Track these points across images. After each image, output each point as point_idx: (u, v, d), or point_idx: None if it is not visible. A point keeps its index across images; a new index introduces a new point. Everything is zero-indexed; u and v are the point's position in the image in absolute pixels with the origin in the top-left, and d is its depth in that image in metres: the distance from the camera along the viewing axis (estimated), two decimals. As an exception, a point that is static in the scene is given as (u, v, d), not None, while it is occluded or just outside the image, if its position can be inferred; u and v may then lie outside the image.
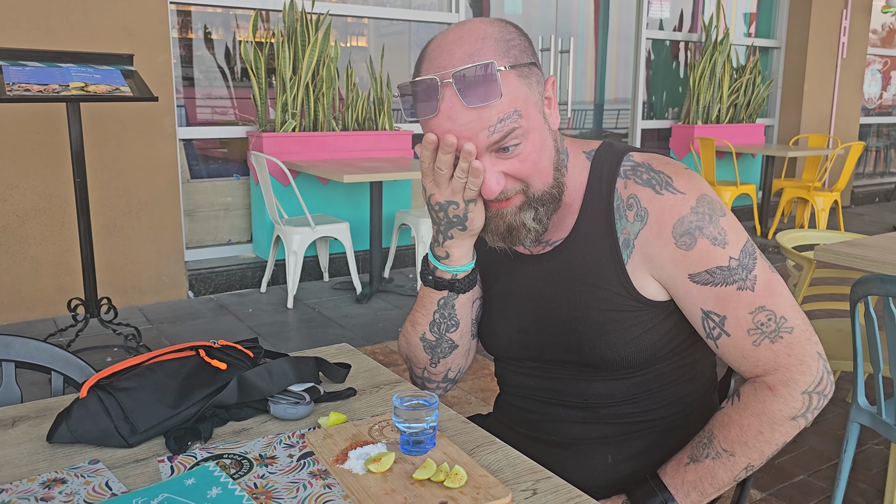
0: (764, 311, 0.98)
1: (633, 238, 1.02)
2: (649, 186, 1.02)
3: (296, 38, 4.36)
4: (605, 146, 1.09)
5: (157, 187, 4.04)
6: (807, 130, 7.12)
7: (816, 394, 0.99)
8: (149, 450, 0.96)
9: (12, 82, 2.90)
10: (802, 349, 0.98)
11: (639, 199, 1.02)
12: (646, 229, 1.01)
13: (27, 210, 3.70)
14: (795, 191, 6.02)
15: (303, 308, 4.08)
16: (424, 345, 1.15)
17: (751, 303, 0.98)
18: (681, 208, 0.99)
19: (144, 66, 3.71)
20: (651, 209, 1.01)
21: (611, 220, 1.04)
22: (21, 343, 1.25)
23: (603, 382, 1.09)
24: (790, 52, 7.12)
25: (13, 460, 0.93)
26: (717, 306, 1.00)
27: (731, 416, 1.01)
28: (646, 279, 1.03)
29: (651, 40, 6.47)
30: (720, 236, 0.99)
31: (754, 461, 1.01)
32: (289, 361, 1.09)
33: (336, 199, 4.67)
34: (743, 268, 0.99)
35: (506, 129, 0.94)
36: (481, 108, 0.92)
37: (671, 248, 1.00)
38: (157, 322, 3.81)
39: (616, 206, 1.04)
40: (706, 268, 0.99)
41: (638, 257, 1.02)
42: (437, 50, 0.96)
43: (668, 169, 1.03)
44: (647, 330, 1.04)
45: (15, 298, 3.73)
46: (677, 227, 0.99)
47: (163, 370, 1.04)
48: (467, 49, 0.93)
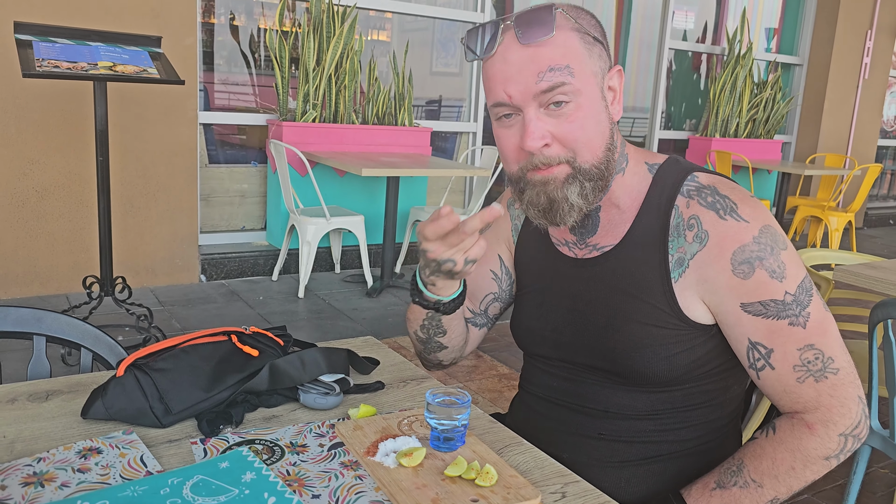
0: (812, 350, 0.98)
1: (689, 258, 1.02)
2: (713, 210, 1.01)
3: (321, 30, 4.37)
4: (671, 161, 1.08)
5: (176, 170, 4.06)
6: (824, 149, 7.10)
7: (853, 437, 0.99)
8: (181, 431, 0.97)
9: (42, 58, 2.92)
10: (845, 391, 0.98)
11: (701, 220, 1.01)
12: (704, 252, 1.00)
13: (46, 186, 3.73)
14: (809, 209, 6.00)
15: (313, 298, 4.10)
16: (416, 339, 1.21)
17: (800, 340, 0.98)
18: (743, 236, 0.98)
19: (170, 49, 3.73)
20: (712, 233, 1.00)
21: (665, 236, 1.03)
22: (53, 318, 1.26)
23: (628, 393, 1.09)
24: (812, 70, 7.10)
25: (49, 433, 0.95)
26: (766, 338, 0.99)
27: (765, 448, 1.01)
28: (694, 301, 1.02)
29: (674, 50, 6.46)
30: (779, 269, 0.98)
31: (781, 495, 1.01)
32: (321, 352, 1.10)
33: (352, 192, 4.68)
34: (797, 304, 0.98)
35: (555, 80, 0.95)
36: (534, 46, 0.95)
37: (728, 274, 0.99)
38: (168, 304, 3.83)
39: (675, 224, 1.03)
40: (760, 299, 0.98)
41: (691, 278, 1.02)
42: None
43: (734, 195, 1.02)
44: (685, 350, 1.04)
45: (30, 273, 3.76)
46: (737, 254, 0.98)
47: (197, 353, 1.05)
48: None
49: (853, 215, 5.93)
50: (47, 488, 0.82)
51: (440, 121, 5.56)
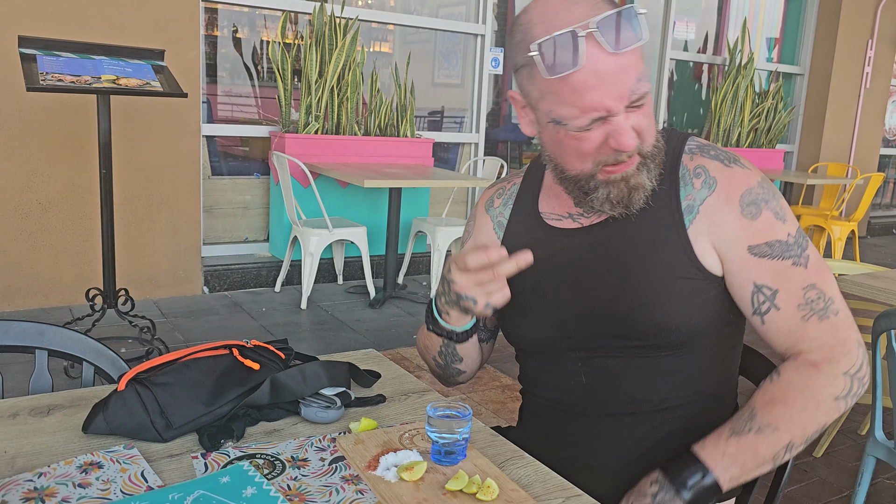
0: (815, 289, 1.01)
1: (699, 204, 1.05)
2: (718, 160, 1.07)
3: (323, 42, 4.40)
4: (667, 129, 1.12)
5: (179, 182, 4.07)
6: (826, 159, 7.10)
7: (857, 378, 1.00)
8: (182, 445, 0.97)
9: (45, 72, 2.94)
10: (846, 333, 1.01)
11: (707, 169, 1.06)
12: (713, 196, 1.04)
13: (50, 198, 3.74)
14: (812, 218, 6.00)
15: (316, 310, 4.10)
16: (435, 364, 1.22)
17: (804, 279, 1.02)
18: (749, 180, 1.04)
19: (173, 62, 3.74)
20: (720, 178, 1.05)
21: (675, 186, 1.06)
22: (55, 332, 1.27)
23: (648, 378, 1.08)
24: (813, 80, 7.11)
25: (50, 448, 0.95)
26: (771, 280, 1.02)
27: (775, 392, 1.02)
28: (706, 247, 1.05)
29: (675, 61, 6.48)
30: (781, 212, 1.04)
31: (796, 439, 1.00)
32: (322, 365, 1.10)
33: (354, 203, 4.69)
34: (798, 245, 1.03)
35: (643, 89, 0.97)
36: (623, 54, 0.94)
37: (736, 215, 1.03)
38: (171, 316, 3.84)
39: (682, 175, 1.07)
40: (766, 240, 1.02)
41: (702, 223, 1.04)
42: (548, 11, 0.96)
43: (731, 151, 1.10)
44: (701, 302, 1.05)
45: (33, 285, 3.76)
46: (745, 196, 1.03)
47: (198, 367, 1.05)
48: (588, 3, 0.95)
49: (856, 224, 5.92)
50: (48, 503, 0.82)
51: (442, 132, 5.57)
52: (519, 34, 1.00)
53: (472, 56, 5.47)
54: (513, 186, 1.24)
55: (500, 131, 6.00)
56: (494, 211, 1.24)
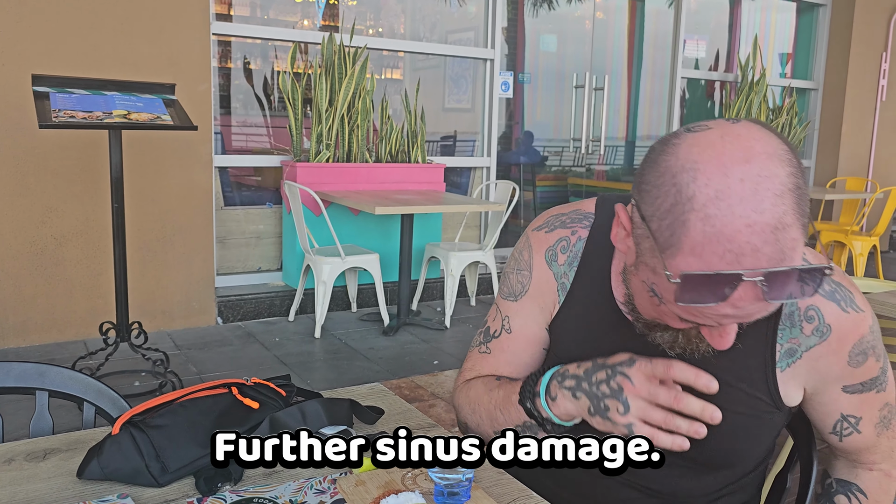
0: (888, 406, 1.02)
1: (804, 351, 0.96)
2: (834, 301, 0.94)
3: (333, 71, 4.42)
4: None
5: (192, 214, 4.09)
6: (844, 173, 7.01)
7: None
8: (179, 490, 0.95)
9: (58, 109, 2.97)
10: None
11: (822, 314, 0.94)
12: (823, 345, 0.95)
13: (64, 233, 3.77)
14: (832, 234, 5.91)
15: (330, 338, 4.07)
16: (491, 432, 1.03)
17: (882, 401, 1.01)
18: (862, 329, 0.95)
19: (185, 95, 3.78)
20: (835, 327, 0.94)
21: (775, 323, 0.95)
22: (55, 372, 1.25)
23: (696, 476, 1.04)
24: (828, 94, 7.05)
25: (43, 496, 0.92)
26: (857, 410, 1.01)
27: None
28: (797, 389, 0.99)
29: (686, 79, 6.46)
30: (882, 352, 0.99)
31: None
32: (322, 402, 1.07)
33: (367, 230, 4.69)
34: (883, 372, 1.00)
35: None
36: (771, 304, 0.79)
37: (842, 364, 0.96)
38: (184, 348, 3.83)
39: (788, 313, 0.95)
40: (862, 380, 0.99)
41: (802, 368, 0.97)
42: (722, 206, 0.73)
43: (845, 281, 0.97)
44: (771, 434, 1.03)
45: (48, 319, 3.78)
46: (856, 346, 0.95)
47: (195, 408, 1.03)
48: (769, 218, 0.73)
49: (877, 239, 5.83)
50: (37, 556, 0.79)
51: (455, 157, 5.58)
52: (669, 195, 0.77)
53: (482, 80, 5.48)
54: (578, 242, 1.04)
55: (512, 155, 5.99)
56: (559, 268, 1.06)
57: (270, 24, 4.77)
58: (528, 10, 5.79)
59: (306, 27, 4.90)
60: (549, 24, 5.94)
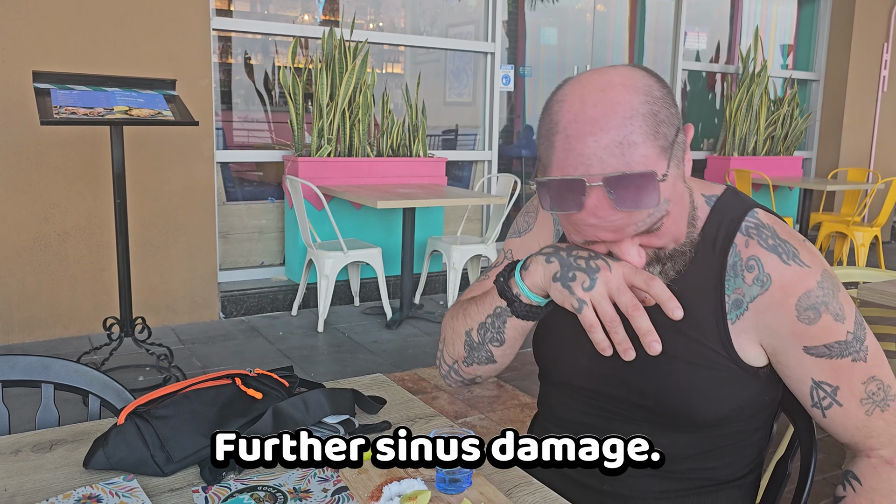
0: (875, 381, 0.98)
1: (749, 301, 0.98)
2: (775, 253, 0.98)
3: (334, 65, 4.43)
4: (729, 193, 1.04)
5: (194, 209, 4.10)
6: (846, 164, 7.00)
7: None
8: (183, 479, 0.96)
9: (59, 105, 2.98)
10: None
11: (762, 263, 0.98)
12: (766, 296, 0.97)
13: (67, 229, 3.78)
14: (834, 225, 5.90)
15: (333, 332, 4.09)
16: (466, 340, 1.08)
17: (864, 373, 0.98)
18: (807, 282, 0.96)
19: (186, 91, 3.79)
20: (775, 277, 0.97)
21: (722, 274, 0.99)
22: (60, 365, 1.26)
23: (667, 434, 1.05)
24: (829, 85, 7.04)
25: (50, 485, 0.93)
26: (831, 377, 0.98)
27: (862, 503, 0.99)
28: (750, 344, 1.00)
29: (687, 71, 6.45)
30: (841, 312, 0.96)
31: None
32: (324, 393, 1.08)
33: (369, 225, 4.69)
34: (857, 340, 0.97)
35: (653, 220, 0.89)
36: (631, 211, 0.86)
37: (792, 320, 0.96)
38: (188, 342, 3.84)
39: (732, 263, 0.99)
40: (825, 342, 0.97)
41: (749, 321, 0.99)
42: (577, 127, 0.86)
43: (792, 240, 1.00)
44: (734, 392, 1.01)
45: (52, 315, 3.80)
46: (802, 300, 0.96)
47: (199, 398, 1.04)
48: (615, 136, 0.84)
49: (879, 229, 5.82)
50: (45, 543, 0.80)
51: (456, 150, 5.58)
52: (545, 123, 0.91)
53: (483, 74, 5.48)
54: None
55: (513, 148, 5.99)
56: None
57: (270, 19, 4.78)
58: (528, 3, 5.78)
59: (306, 22, 4.90)
60: (550, 17, 5.93)
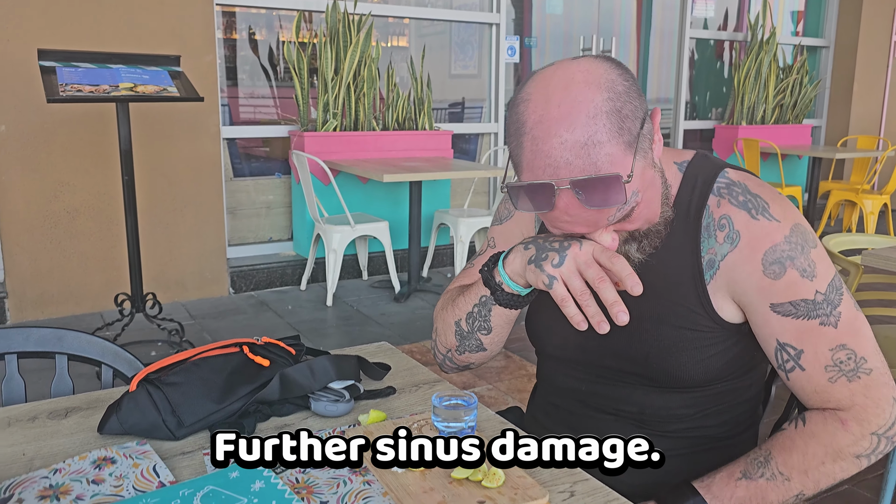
0: (844, 350, 0.97)
1: (720, 260, 1.00)
2: (745, 209, 0.99)
3: (338, 39, 4.41)
4: (699, 158, 1.06)
5: (201, 186, 4.12)
6: (856, 132, 6.94)
7: (885, 437, 0.97)
8: (195, 443, 0.99)
9: (65, 83, 2.99)
10: (879, 392, 0.97)
11: (732, 221, 0.99)
12: (735, 252, 0.99)
13: (77, 207, 3.81)
14: (843, 193, 5.87)
15: (341, 306, 4.13)
16: (457, 330, 1.11)
17: (832, 339, 0.97)
18: (775, 236, 0.97)
19: (190, 67, 3.79)
20: (744, 233, 0.98)
21: (697, 237, 1.01)
22: (73, 336, 1.29)
23: (661, 395, 1.07)
24: (839, 52, 6.95)
25: (66, 449, 0.97)
26: (795, 339, 0.98)
27: (795, 441, 1.00)
28: (726, 301, 1.01)
29: (695, 40, 6.38)
30: (809, 268, 0.96)
31: (808, 490, 0.99)
32: (330, 359, 1.11)
33: (376, 199, 4.71)
34: (828, 303, 0.96)
35: (625, 213, 0.91)
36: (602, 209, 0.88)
37: (758, 275, 0.97)
38: (199, 318, 3.89)
39: (706, 224, 1.01)
40: (790, 299, 0.97)
41: (721, 279, 1.00)
42: (542, 128, 0.87)
43: (764, 193, 1.00)
44: (720, 351, 1.03)
45: (64, 292, 3.85)
46: (768, 254, 0.97)
47: (208, 366, 1.07)
48: (580, 136, 0.85)
49: (888, 197, 5.79)
50: (62, 501, 0.84)
51: (463, 123, 5.56)
52: (512, 122, 0.91)
53: (488, 46, 5.44)
54: None
55: (519, 120, 5.96)
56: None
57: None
58: (533, -28, 5.71)
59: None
60: (555, -13, 5.87)
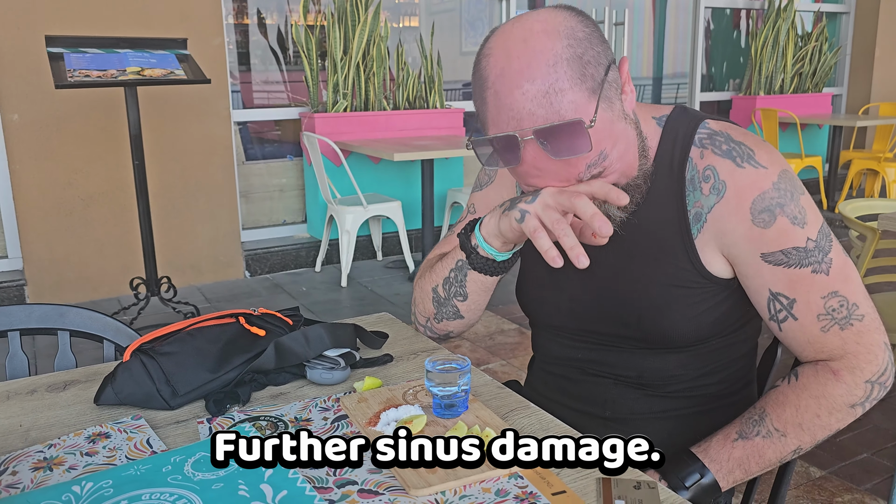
0: (836, 297, 0.94)
1: (707, 212, 0.97)
2: (729, 158, 0.96)
3: (346, 18, 4.38)
4: (677, 111, 1.03)
5: (214, 169, 4.13)
6: (878, 99, 6.79)
7: (878, 384, 0.96)
8: (189, 412, 0.99)
9: (73, 69, 3.00)
10: (871, 338, 0.95)
11: (717, 171, 0.96)
12: (721, 203, 0.96)
13: (91, 193, 3.84)
14: (865, 162, 5.76)
15: (356, 286, 4.13)
16: (434, 297, 1.12)
17: (824, 287, 0.94)
18: (762, 184, 0.94)
19: (199, 51, 3.79)
20: (730, 183, 0.95)
21: (682, 191, 0.98)
22: (75, 313, 1.30)
23: (657, 355, 1.06)
24: (860, 18, 6.78)
25: (63, 420, 0.97)
26: (788, 288, 0.95)
27: (788, 396, 0.98)
28: (714, 255, 0.98)
29: (711, 9, 6.26)
30: (800, 215, 0.93)
31: (805, 444, 0.97)
32: (325, 327, 1.10)
33: (388, 178, 4.69)
34: (819, 250, 0.94)
35: (596, 169, 0.89)
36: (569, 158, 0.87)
37: (747, 224, 0.94)
38: (214, 301, 3.92)
39: (690, 178, 0.98)
40: (782, 248, 0.94)
41: (709, 232, 0.97)
42: (504, 81, 0.86)
43: (748, 140, 0.97)
44: (711, 307, 1.01)
45: (81, 278, 3.89)
46: (757, 203, 0.94)
47: (203, 336, 1.06)
48: (540, 85, 0.84)
49: (912, 165, 5.67)
50: (55, 472, 0.84)
51: (474, 101, 5.51)
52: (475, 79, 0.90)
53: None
54: None
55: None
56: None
57: (281, -25, 4.73)
58: (543, -55, 5.63)
59: (317, -24, 4.84)
60: (566, -41, 5.77)
